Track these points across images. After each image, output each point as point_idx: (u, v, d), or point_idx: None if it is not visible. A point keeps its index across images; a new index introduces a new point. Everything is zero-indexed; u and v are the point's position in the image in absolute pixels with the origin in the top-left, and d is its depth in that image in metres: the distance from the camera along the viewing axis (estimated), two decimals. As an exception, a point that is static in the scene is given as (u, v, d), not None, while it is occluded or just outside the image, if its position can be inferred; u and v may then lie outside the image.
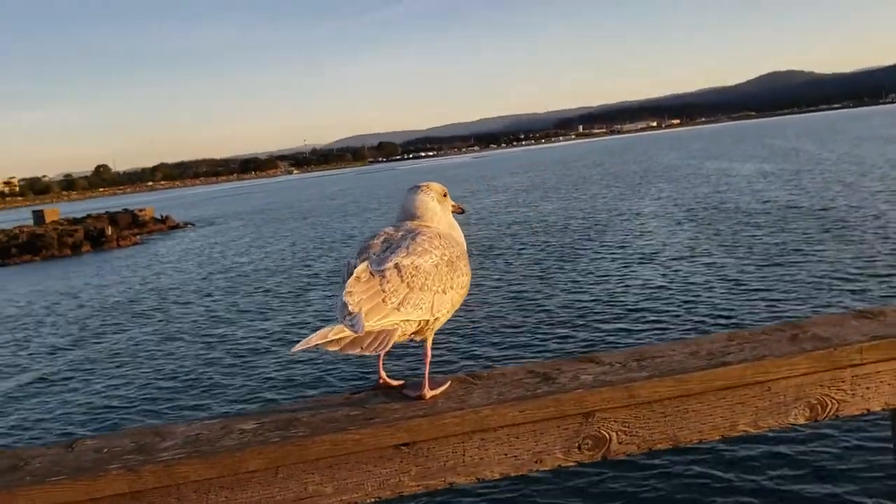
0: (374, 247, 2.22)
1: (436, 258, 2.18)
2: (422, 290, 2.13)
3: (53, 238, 56.39)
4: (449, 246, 2.24)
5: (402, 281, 2.10)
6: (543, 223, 37.92)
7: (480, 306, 19.87)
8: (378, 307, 2.05)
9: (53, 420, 15.15)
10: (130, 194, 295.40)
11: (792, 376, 2.10)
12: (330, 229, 49.98)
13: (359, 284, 2.09)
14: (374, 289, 2.08)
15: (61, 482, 1.84)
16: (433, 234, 2.24)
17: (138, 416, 14.43)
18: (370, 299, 2.06)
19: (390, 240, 2.23)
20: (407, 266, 2.11)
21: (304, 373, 15.91)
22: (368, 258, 2.19)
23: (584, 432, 2.03)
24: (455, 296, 2.22)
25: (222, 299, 26.37)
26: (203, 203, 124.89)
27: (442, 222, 2.40)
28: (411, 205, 2.41)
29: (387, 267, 2.11)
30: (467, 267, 2.29)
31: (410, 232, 2.24)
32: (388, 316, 2.06)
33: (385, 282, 2.08)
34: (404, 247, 2.17)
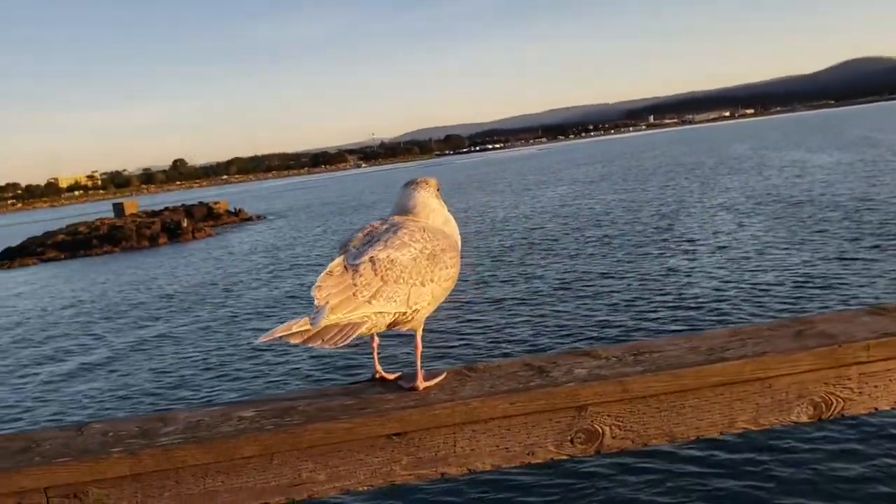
0: (355, 241, 2.29)
1: (415, 251, 2.21)
2: (396, 282, 2.15)
3: (132, 230, 58.48)
4: (432, 239, 2.28)
5: (376, 274, 2.13)
6: (605, 216, 37.59)
7: (535, 297, 20.05)
8: (348, 300, 2.09)
9: (120, 396, 16.01)
10: (206, 188, 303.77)
11: (794, 373, 2.08)
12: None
13: (330, 279, 2.13)
14: (345, 283, 2.11)
15: (67, 463, 1.95)
16: (417, 228, 2.29)
17: (196, 396, 15.15)
18: (340, 293, 2.09)
19: (373, 233, 2.29)
20: (382, 259, 2.16)
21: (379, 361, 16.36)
22: (347, 252, 2.24)
23: (577, 426, 2.05)
24: (436, 288, 2.24)
25: (289, 289, 27.25)
26: (274, 196, 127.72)
27: (438, 217, 2.45)
28: (407, 200, 2.46)
29: (361, 261, 2.16)
30: (453, 259, 2.31)
31: (394, 225, 2.30)
32: (359, 309, 2.09)
33: (358, 275, 2.12)
34: (383, 240, 2.22)
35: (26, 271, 48.75)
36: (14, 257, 55.28)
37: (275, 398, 2.25)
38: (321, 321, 2.04)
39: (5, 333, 25.96)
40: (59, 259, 53.19)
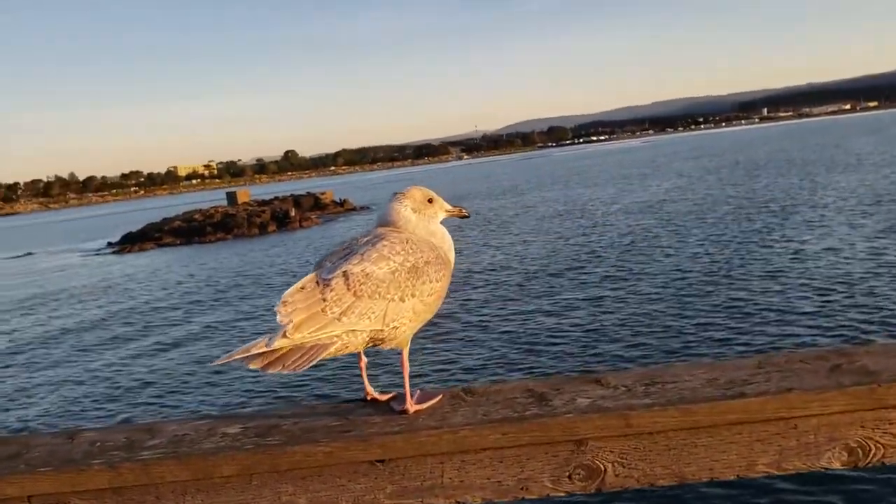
0: (335, 254, 2.18)
1: (394, 264, 2.08)
2: (372, 298, 2.02)
3: (243, 218, 60.88)
4: (415, 251, 2.15)
5: (349, 290, 2.01)
6: (701, 214, 36.34)
7: (624, 303, 19.80)
8: (315, 317, 1.96)
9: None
10: (314, 178, 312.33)
11: (823, 414, 1.86)
12: (489, 215, 50.81)
13: (299, 294, 2.01)
14: (313, 298, 1.99)
15: (47, 473, 1.93)
16: (399, 240, 2.16)
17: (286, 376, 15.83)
18: (307, 309, 1.97)
19: (352, 246, 2.17)
20: (356, 273, 2.04)
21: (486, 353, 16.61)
22: (322, 266, 2.14)
23: (576, 461, 1.90)
24: (419, 304, 2.11)
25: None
26: (378, 187, 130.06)
27: (418, 229, 2.29)
28: (386, 212, 2.34)
29: (334, 275, 2.04)
30: (440, 273, 2.17)
31: (376, 237, 2.18)
32: (327, 327, 1.97)
33: (328, 291, 2.00)
34: (360, 253, 2.10)
35: (144, 255, 51.67)
36: (134, 242, 58.69)
37: (262, 414, 2.16)
38: (276, 342, 1.93)
39: (116, 313, 27.54)
40: (174, 244, 55.98)
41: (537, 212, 48.36)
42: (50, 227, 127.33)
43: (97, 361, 20.01)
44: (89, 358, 20.61)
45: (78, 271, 45.10)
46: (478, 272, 26.60)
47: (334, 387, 14.65)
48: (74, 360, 20.69)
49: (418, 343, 17.01)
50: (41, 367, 20.20)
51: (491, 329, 18.06)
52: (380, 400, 2.22)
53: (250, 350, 1.96)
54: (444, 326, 18.76)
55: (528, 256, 29.13)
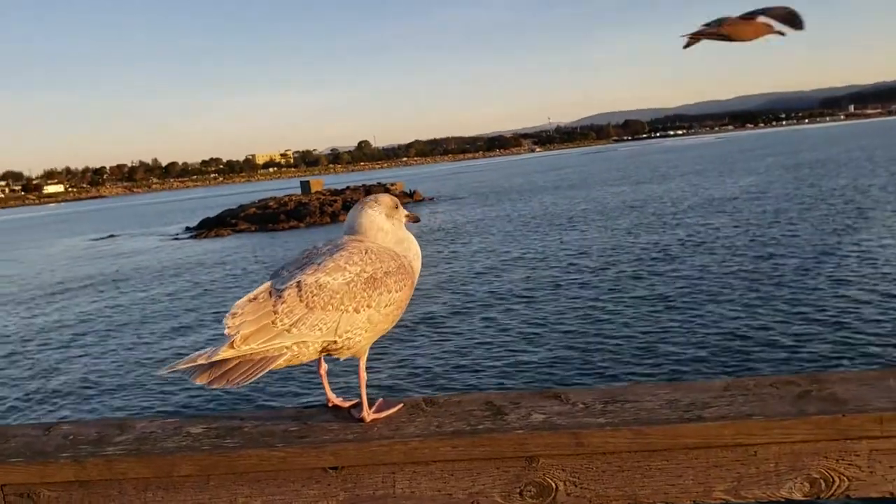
0: (293, 263, 2.17)
1: (350, 275, 2.06)
2: (324, 309, 2.00)
3: (316, 207, 62.02)
4: (375, 262, 2.13)
5: (301, 300, 1.99)
6: (763, 215, 35.21)
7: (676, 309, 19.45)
8: (265, 329, 1.95)
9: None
10: (386, 169, 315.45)
11: (785, 442, 1.82)
12: (559, 210, 50.48)
13: (249, 305, 2.00)
14: (264, 309, 1.98)
15: (18, 465, 2.01)
16: (359, 250, 2.14)
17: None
18: (256, 321, 1.95)
19: (311, 255, 2.15)
20: (309, 284, 2.02)
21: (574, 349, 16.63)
22: (278, 276, 2.12)
23: (527, 478, 1.89)
24: (375, 315, 2.09)
25: (445, 272, 27.93)
26: (449, 179, 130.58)
27: (388, 237, 2.26)
28: (353, 220, 2.29)
29: (287, 286, 2.03)
30: (400, 283, 2.15)
31: (336, 247, 2.16)
32: (276, 338, 1.96)
33: (280, 302, 1.99)
34: (316, 263, 2.09)
35: (220, 241, 53.15)
36: (211, 227, 60.49)
37: (226, 416, 2.19)
38: (221, 352, 1.93)
39: (184, 297, 28.36)
40: (249, 231, 57.48)
41: (550, 213, 47.76)
42: (133, 210, 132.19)
43: (159, 344, 20.71)
44: (150, 341, 21.34)
45: (156, 254, 46.82)
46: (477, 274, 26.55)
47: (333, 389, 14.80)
48: (137, 342, 21.47)
49: (410, 350, 17.16)
50: (106, 349, 21.05)
51: (508, 335, 17.82)
52: (341, 407, 2.22)
53: (196, 360, 1.95)
54: (456, 329, 18.84)
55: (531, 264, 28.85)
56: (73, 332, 23.89)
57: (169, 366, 1.99)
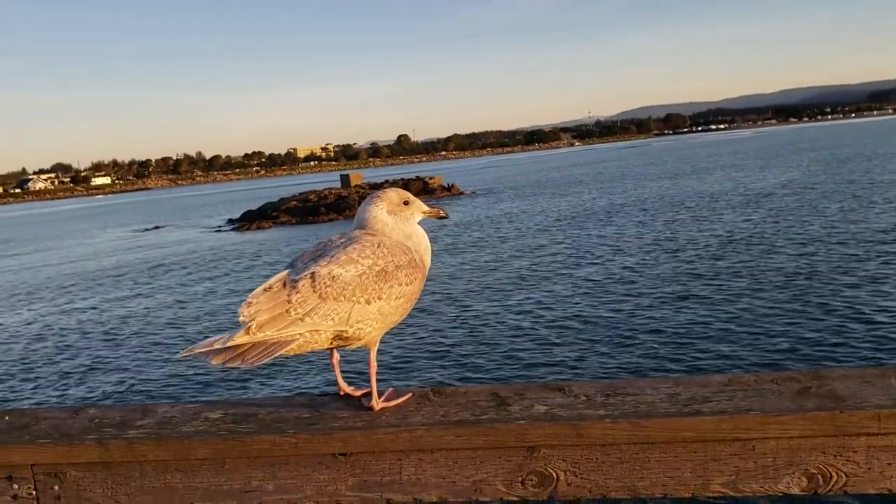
0: (307, 254, 2.24)
1: (362, 268, 2.13)
2: (337, 300, 2.07)
3: (355, 200, 62.34)
4: (387, 255, 2.19)
5: (314, 291, 2.07)
6: (791, 212, 34.86)
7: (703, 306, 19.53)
8: (279, 318, 2.03)
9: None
10: (425, 163, 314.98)
11: (783, 437, 1.84)
12: (590, 205, 50.45)
13: (265, 295, 2.07)
14: (279, 299, 2.06)
15: (46, 446, 2.11)
16: (372, 243, 2.20)
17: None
18: (271, 310, 2.03)
19: (326, 247, 2.23)
20: (323, 276, 2.09)
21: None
22: (293, 267, 2.20)
23: (529, 467, 1.94)
24: (386, 306, 2.15)
25: (479, 264, 28.27)
26: (487, 173, 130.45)
27: (394, 232, 2.33)
28: (363, 214, 2.37)
29: (301, 276, 2.10)
30: (410, 276, 2.22)
31: (350, 240, 2.23)
32: (290, 326, 2.04)
33: (294, 292, 2.07)
34: (329, 255, 2.16)
35: (261, 233, 54.27)
36: (253, 220, 61.65)
37: (243, 402, 2.30)
38: (237, 338, 2.01)
39: (222, 288, 29.19)
40: (290, 223, 58.45)
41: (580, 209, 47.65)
42: (177, 202, 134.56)
43: (197, 331, 21.41)
44: (189, 328, 22.07)
45: (199, 245, 48.11)
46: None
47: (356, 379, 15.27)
48: (174, 329, 22.20)
49: (427, 340, 17.63)
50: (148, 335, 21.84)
51: (529, 327, 18.08)
52: (353, 396, 2.31)
53: (212, 345, 2.03)
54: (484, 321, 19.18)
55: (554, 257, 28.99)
56: (114, 319, 24.82)
57: (186, 349, 2.08)
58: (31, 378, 18.22)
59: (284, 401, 2.31)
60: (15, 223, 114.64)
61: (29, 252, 57.05)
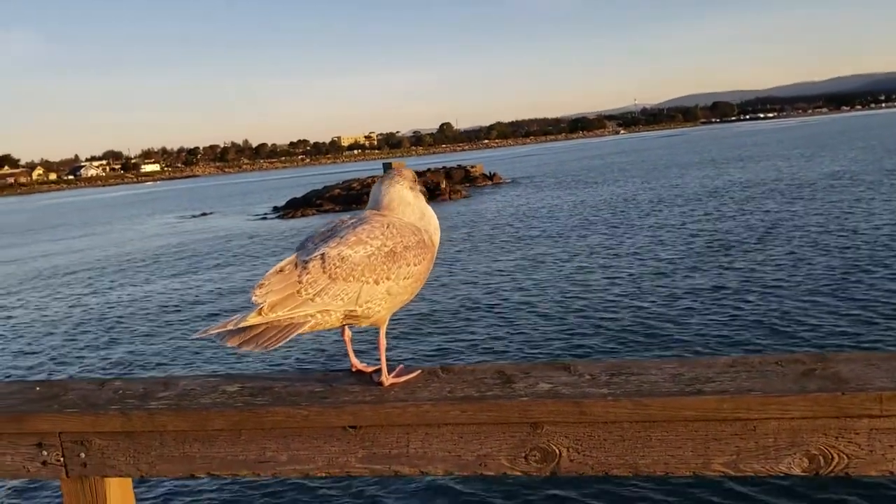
0: (318, 235, 2.28)
1: (372, 248, 2.17)
2: (346, 280, 2.12)
3: (396, 188, 63.15)
4: (396, 235, 2.23)
5: (325, 272, 2.11)
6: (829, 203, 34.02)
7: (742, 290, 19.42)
8: (290, 298, 2.08)
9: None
10: (467, 151, 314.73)
11: (784, 418, 1.85)
12: (634, 193, 50.05)
13: (276, 276, 2.13)
14: (290, 280, 2.11)
15: (72, 414, 2.23)
16: (381, 224, 2.25)
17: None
18: (282, 290, 2.09)
19: (336, 228, 2.27)
20: (332, 257, 2.14)
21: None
22: (304, 248, 2.25)
23: (532, 443, 1.99)
24: (394, 286, 2.20)
25: (520, 256, 28.26)
26: (528, 160, 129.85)
27: (413, 211, 2.36)
28: (378, 194, 2.39)
29: (312, 257, 2.15)
30: (419, 257, 2.26)
31: (360, 221, 2.27)
32: (301, 307, 2.09)
33: (305, 273, 2.12)
34: (339, 237, 2.20)
35: (305, 220, 54.88)
36: (297, 207, 62.41)
37: (260, 376, 2.38)
38: (250, 318, 2.07)
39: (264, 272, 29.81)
40: (333, 211, 58.78)
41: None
42: (224, 189, 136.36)
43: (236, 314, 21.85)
44: (228, 312, 22.53)
45: (244, 231, 48.77)
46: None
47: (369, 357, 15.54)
48: (214, 312, 22.59)
49: (446, 321, 17.86)
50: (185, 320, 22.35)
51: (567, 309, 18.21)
52: (364, 371, 2.37)
53: (227, 326, 2.09)
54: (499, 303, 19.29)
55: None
56: (155, 300, 25.35)
57: (201, 330, 2.14)
58: (70, 353, 18.91)
59: (300, 375, 2.39)
60: (68, 209, 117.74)
61: (78, 236, 58.69)
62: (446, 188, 63.85)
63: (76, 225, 74.02)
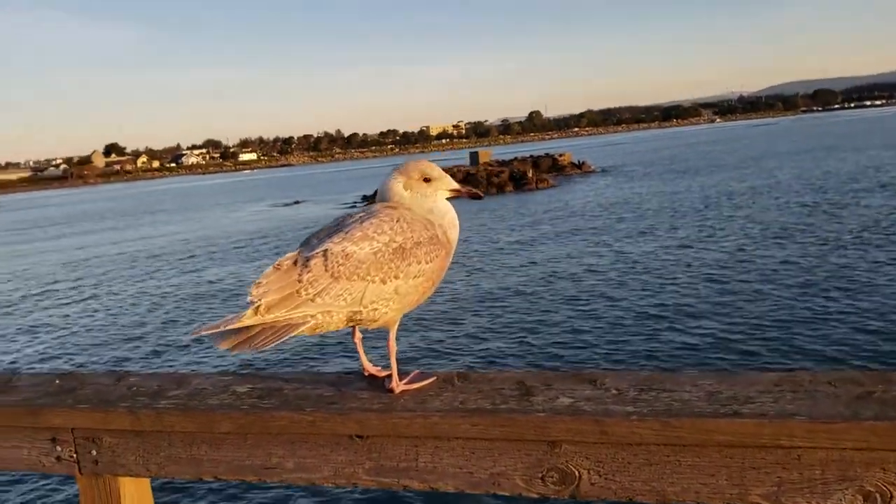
0: (324, 230, 2.16)
1: (378, 245, 2.03)
2: (350, 279, 1.98)
3: (483, 177, 63.01)
4: (405, 231, 2.08)
5: (326, 270, 1.98)
6: None
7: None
8: (289, 298, 1.95)
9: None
10: (557, 139, 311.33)
11: (834, 448, 1.62)
12: (722, 186, 48.44)
13: (275, 274, 1.99)
14: (290, 279, 1.97)
15: (84, 410, 2.18)
16: (390, 218, 2.10)
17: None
18: (280, 290, 1.95)
19: (343, 223, 2.14)
20: (336, 253, 2.00)
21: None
22: (308, 244, 2.12)
23: (549, 463, 1.83)
24: (403, 286, 2.05)
25: (606, 249, 27.85)
26: (620, 150, 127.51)
27: (414, 207, 2.20)
28: (383, 187, 2.26)
29: (314, 254, 2.02)
30: (431, 254, 2.10)
31: (368, 215, 2.13)
32: (300, 307, 1.96)
33: (306, 271, 1.98)
34: (344, 231, 2.07)
35: (392, 208, 55.54)
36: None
37: (272, 376, 2.29)
38: (245, 318, 1.95)
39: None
40: (418, 199, 59.63)
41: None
42: (317, 178, 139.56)
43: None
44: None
45: (333, 219, 49.76)
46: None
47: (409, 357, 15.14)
48: None
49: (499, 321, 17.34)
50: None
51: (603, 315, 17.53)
52: (377, 376, 2.24)
53: (220, 326, 1.97)
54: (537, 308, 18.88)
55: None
56: (244, 283, 26.40)
57: (194, 330, 2.02)
58: (148, 339, 19.64)
59: (312, 377, 2.29)
60: (170, 195, 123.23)
61: (178, 221, 61.49)
62: (533, 177, 63.47)
63: (176, 210, 77.60)
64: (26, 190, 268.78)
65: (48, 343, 20.30)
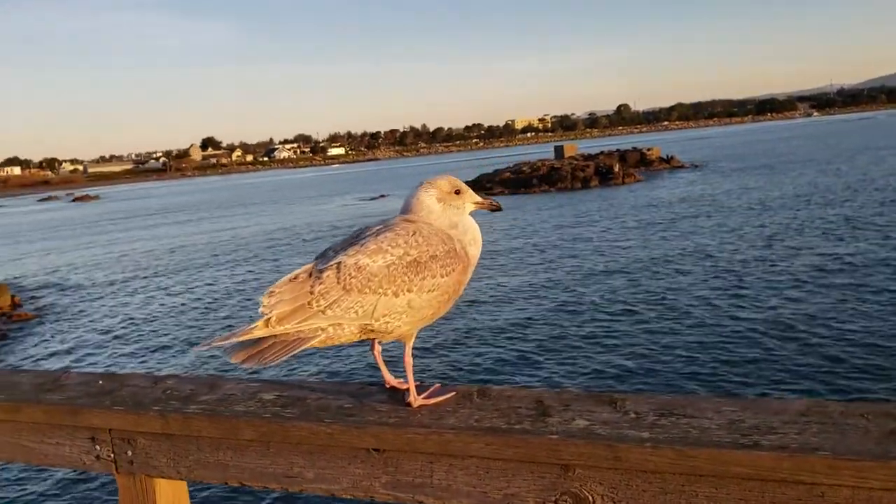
0: (343, 242, 2.16)
1: (392, 258, 2.03)
2: (361, 292, 1.98)
3: (567, 172, 62.67)
4: (421, 244, 2.07)
5: (339, 282, 1.99)
6: None
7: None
8: (300, 310, 1.96)
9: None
10: (645, 133, 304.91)
11: (860, 487, 1.52)
12: (814, 186, 46.56)
13: (288, 285, 2.02)
14: (302, 290, 1.99)
15: (119, 412, 2.22)
16: (406, 231, 2.10)
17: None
18: (292, 301, 1.97)
19: (361, 235, 2.14)
20: (348, 266, 2.01)
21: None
22: (324, 256, 2.13)
23: (563, 487, 1.79)
24: (417, 299, 2.04)
25: (679, 251, 27.47)
26: (711, 144, 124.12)
27: (440, 220, 2.18)
28: (409, 200, 2.24)
29: (328, 266, 2.03)
30: (447, 268, 2.09)
31: (385, 227, 2.13)
32: (310, 319, 1.97)
33: (318, 283, 2.00)
34: (359, 244, 2.07)
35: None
36: (468, 190, 63.67)
37: (297, 385, 2.31)
38: (256, 330, 1.97)
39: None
40: (502, 194, 59.41)
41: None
42: (402, 172, 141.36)
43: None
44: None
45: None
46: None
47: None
48: None
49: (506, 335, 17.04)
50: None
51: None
52: (398, 389, 2.24)
53: (229, 338, 1.99)
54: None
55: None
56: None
57: (204, 341, 2.04)
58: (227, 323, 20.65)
59: (335, 386, 2.30)
60: (262, 188, 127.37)
61: (269, 213, 63.61)
62: (619, 171, 62.64)
63: (268, 203, 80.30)
64: (129, 181, 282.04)
65: (133, 318, 21.79)
